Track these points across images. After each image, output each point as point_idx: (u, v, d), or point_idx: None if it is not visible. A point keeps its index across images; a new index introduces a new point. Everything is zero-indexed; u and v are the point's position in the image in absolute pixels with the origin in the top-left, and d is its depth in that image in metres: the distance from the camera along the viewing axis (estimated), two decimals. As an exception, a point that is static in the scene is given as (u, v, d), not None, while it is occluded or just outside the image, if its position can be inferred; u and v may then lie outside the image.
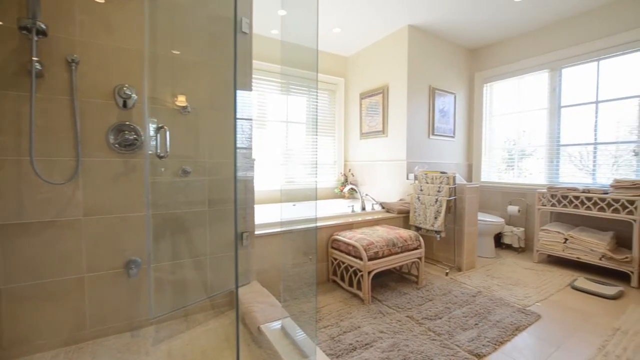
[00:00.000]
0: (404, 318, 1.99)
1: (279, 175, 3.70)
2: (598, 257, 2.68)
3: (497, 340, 1.76)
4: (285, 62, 1.87)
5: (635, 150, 2.89)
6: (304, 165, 3.96)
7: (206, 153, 1.94)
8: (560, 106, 3.37)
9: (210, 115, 1.97)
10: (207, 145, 1.95)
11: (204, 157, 1.93)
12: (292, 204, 3.55)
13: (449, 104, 3.81)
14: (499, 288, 2.47)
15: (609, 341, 1.78)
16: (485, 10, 3.07)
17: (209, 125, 1.98)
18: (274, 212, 2.14)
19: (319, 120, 4.14)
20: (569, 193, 2.89)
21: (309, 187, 1.72)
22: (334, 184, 4.16)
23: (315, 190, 1.77)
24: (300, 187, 1.93)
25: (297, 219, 2.15)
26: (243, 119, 2.03)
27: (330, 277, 2.52)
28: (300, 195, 1.73)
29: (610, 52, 2.97)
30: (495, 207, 3.81)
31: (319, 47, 3.97)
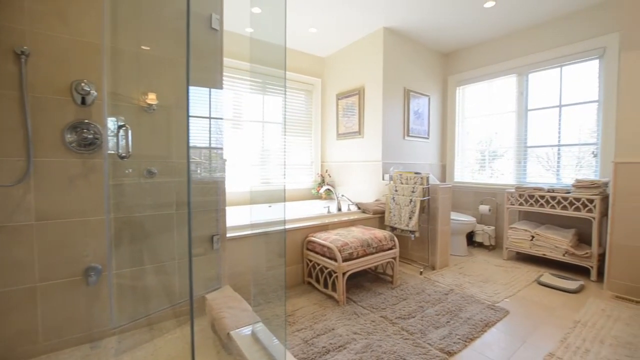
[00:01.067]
0: (378, 318, 1.99)
1: (256, 176, 3.63)
2: (562, 254, 2.81)
3: (467, 337, 1.79)
4: (255, 60, 1.83)
5: (594, 152, 3.06)
6: (280, 166, 3.91)
7: (174, 153, 1.87)
8: (527, 109, 3.52)
9: (178, 114, 1.89)
10: (175, 145, 1.88)
11: (171, 158, 1.86)
12: (267, 205, 3.50)
13: (423, 106, 3.89)
14: (471, 285, 2.54)
15: (570, 333, 1.86)
16: (457, 15, 3.15)
17: (177, 124, 1.90)
18: (251, 213, 2.09)
19: (296, 121, 4.10)
20: (535, 193, 3.02)
21: (278, 189, 1.68)
22: (311, 184, 4.13)
23: (283, 192, 1.74)
24: (270, 189, 1.89)
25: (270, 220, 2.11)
26: (213, 118, 1.96)
27: (305, 279, 2.50)
28: (271, 197, 1.69)
29: (571, 59, 3.13)
30: (468, 206, 3.92)
31: (295, 46, 3.94)
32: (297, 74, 4.01)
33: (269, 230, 2.18)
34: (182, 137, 1.93)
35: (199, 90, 1.97)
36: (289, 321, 1.95)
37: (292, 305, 2.15)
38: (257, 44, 1.76)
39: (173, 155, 1.85)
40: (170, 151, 1.85)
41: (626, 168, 2.34)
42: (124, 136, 1.57)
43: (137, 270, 1.72)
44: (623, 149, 2.36)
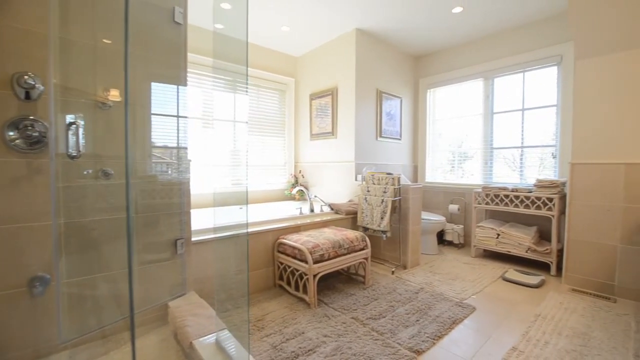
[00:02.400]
0: (349, 320, 1.98)
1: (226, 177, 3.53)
2: (525, 250, 2.94)
3: (435, 335, 1.82)
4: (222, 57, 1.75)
5: (553, 154, 3.23)
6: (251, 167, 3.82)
7: (133, 153, 1.76)
8: (493, 112, 3.66)
9: (137, 111, 1.78)
10: (134, 144, 1.77)
11: (130, 158, 1.75)
12: (238, 207, 3.41)
13: (395, 108, 3.95)
14: (440, 283, 2.59)
15: (531, 327, 1.93)
16: (427, 19, 3.22)
17: (136, 122, 1.80)
18: (215, 215, 2.01)
19: (269, 121, 4.03)
20: (500, 192, 3.14)
21: (241, 190, 1.62)
22: (284, 185, 4.08)
23: (246, 194, 1.68)
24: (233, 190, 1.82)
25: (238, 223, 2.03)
26: (174, 116, 1.87)
27: (276, 282, 2.45)
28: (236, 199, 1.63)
29: (533, 65, 3.29)
30: (438, 206, 4.02)
31: (268, 45, 3.87)
32: (271, 73, 3.94)
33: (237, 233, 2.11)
34: (141, 135, 1.83)
35: (161, 87, 1.87)
36: (257, 326, 1.90)
37: (261, 310, 2.10)
38: (225, 41, 1.69)
39: (132, 155, 1.74)
40: (130, 151, 1.74)
41: (581, 168, 2.48)
42: (74, 134, 1.45)
43: (91, 278, 1.60)
44: (579, 151, 2.51)
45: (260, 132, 3.93)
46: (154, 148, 1.87)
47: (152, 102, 1.80)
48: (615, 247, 2.34)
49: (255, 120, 3.88)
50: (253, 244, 2.34)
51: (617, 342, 1.76)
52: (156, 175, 1.90)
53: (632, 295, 2.28)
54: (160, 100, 1.88)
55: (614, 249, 2.34)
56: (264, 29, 3.41)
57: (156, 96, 1.85)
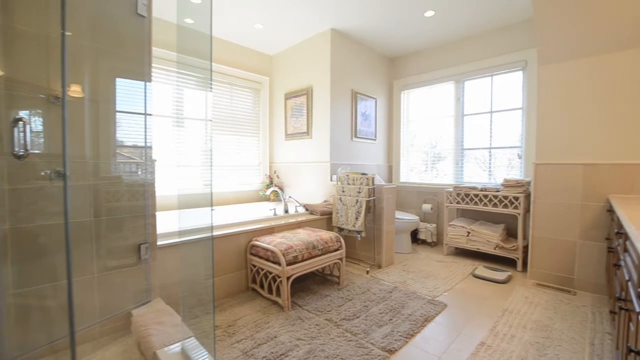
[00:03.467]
0: (323, 321, 1.96)
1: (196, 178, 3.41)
2: (493, 247, 3.05)
3: (408, 334, 1.84)
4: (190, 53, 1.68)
5: (519, 154, 3.38)
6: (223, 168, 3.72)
7: (90, 152, 1.65)
8: (463, 114, 3.77)
9: (101, 108, 1.68)
10: (91, 143, 1.66)
11: (86, 158, 1.63)
12: (210, 209, 3.30)
13: (370, 108, 3.98)
14: (413, 282, 2.63)
15: (499, 322, 2.00)
16: (400, 22, 3.27)
17: (100, 120, 1.69)
18: (179, 218, 1.92)
19: (243, 120, 3.93)
20: (470, 191, 3.24)
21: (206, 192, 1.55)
22: (259, 186, 4.00)
23: (210, 195, 1.62)
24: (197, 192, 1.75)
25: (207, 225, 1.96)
26: (139, 114, 1.77)
27: (249, 285, 2.38)
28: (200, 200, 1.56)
29: (500, 69, 3.42)
30: (412, 205, 4.10)
31: (241, 42, 3.78)
32: (244, 71, 3.86)
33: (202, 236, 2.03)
34: (105, 133, 1.72)
35: (123, 83, 1.76)
36: (228, 332, 1.83)
37: (233, 315, 2.03)
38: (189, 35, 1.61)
39: (89, 154, 1.63)
40: (86, 150, 1.63)
41: (544, 169, 2.61)
42: (22, 131, 1.33)
43: (41, 288, 1.48)
44: (542, 152, 2.63)
45: (233, 132, 3.83)
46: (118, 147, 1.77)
47: (110, 98, 1.70)
48: (574, 243, 2.47)
49: (229, 119, 3.78)
50: (224, 247, 2.27)
51: (576, 333, 1.86)
52: (120, 176, 1.79)
53: (590, 288, 2.42)
54: (123, 96, 1.78)
55: (574, 245, 2.47)
56: (237, 25, 3.33)
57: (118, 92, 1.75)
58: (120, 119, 1.77)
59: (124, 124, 1.80)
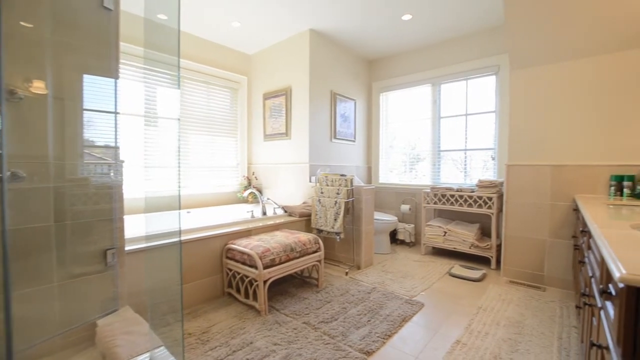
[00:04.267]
0: (301, 325, 1.92)
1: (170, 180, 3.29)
2: (468, 246, 3.12)
3: (386, 335, 1.84)
4: (150, 46, 1.60)
5: (492, 156, 3.48)
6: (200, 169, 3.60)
7: (54, 153, 1.54)
8: (440, 117, 3.86)
9: (66, 106, 1.57)
10: (55, 143, 1.55)
11: (50, 158, 1.53)
12: (186, 211, 3.20)
13: (349, 110, 4.00)
14: (392, 282, 2.65)
15: (473, 319, 2.04)
16: (378, 25, 3.30)
17: (66, 118, 1.58)
18: (146, 222, 1.83)
19: (221, 120, 3.84)
20: (446, 192, 3.31)
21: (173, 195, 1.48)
22: (237, 187, 3.92)
23: (178, 198, 1.56)
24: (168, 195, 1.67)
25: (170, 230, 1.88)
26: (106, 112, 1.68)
27: (225, 290, 2.31)
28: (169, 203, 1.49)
29: (475, 73, 3.52)
30: (391, 206, 4.14)
31: (218, 40, 3.69)
32: (222, 70, 3.77)
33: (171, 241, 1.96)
34: (70, 133, 1.62)
35: (89, 79, 1.67)
36: (202, 339, 1.76)
37: (207, 321, 1.96)
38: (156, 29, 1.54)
39: (50, 154, 1.53)
40: (48, 150, 1.52)
41: (516, 170, 2.70)
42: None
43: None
44: (513, 153, 2.72)
45: (210, 132, 3.72)
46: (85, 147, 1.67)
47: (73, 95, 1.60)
48: (544, 241, 2.57)
49: (205, 119, 3.67)
50: (199, 251, 2.19)
51: (545, 328, 1.92)
52: (87, 178, 1.69)
53: (558, 284, 2.52)
54: (90, 93, 1.68)
55: (543, 243, 2.57)
56: (213, 23, 3.25)
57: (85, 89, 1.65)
58: (88, 118, 1.68)
59: (91, 123, 1.70)
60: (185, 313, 2.06)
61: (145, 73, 2.90)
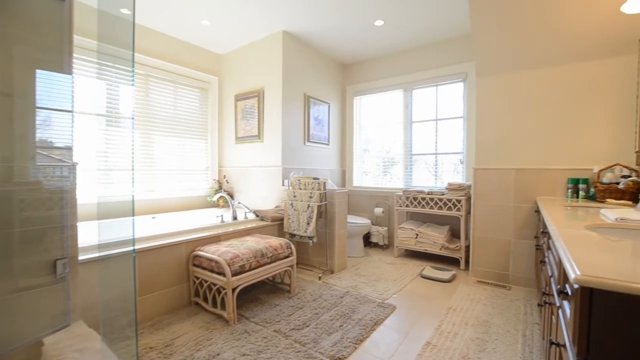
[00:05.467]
0: (271, 333, 1.86)
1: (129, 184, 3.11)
2: (439, 248, 3.19)
3: (357, 339, 1.82)
4: (104, 40, 1.50)
5: (461, 160, 3.60)
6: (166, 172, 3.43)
7: (9, 153, 1.40)
8: (411, 121, 3.94)
9: (15, 103, 1.43)
10: (9, 142, 1.41)
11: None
12: (151, 217, 3.04)
13: (323, 113, 3.99)
14: (365, 285, 2.64)
15: (443, 320, 2.07)
16: (352, 29, 3.32)
17: (14, 117, 1.44)
18: (99, 229, 1.68)
19: (190, 121, 3.69)
20: (418, 195, 3.37)
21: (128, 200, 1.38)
22: (207, 191, 3.78)
23: (131, 203, 1.46)
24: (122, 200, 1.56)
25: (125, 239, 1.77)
26: (56, 110, 1.55)
27: (192, 299, 2.20)
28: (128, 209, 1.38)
29: (444, 79, 3.63)
30: (365, 209, 4.17)
31: (187, 39, 3.55)
32: (191, 69, 3.63)
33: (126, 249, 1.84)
34: (20, 132, 1.47)
35: (41, 75, 1.53)
36: (164, 353, 1.66)
37: (171, 333, 1.85)
38: (110, 21, 1.43)
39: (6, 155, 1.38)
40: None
41: (482, 173, 2.79)
42: None
43: None
44: (480, 157, 2.82)
45: (178, 134, 3.57)
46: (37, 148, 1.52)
47: (18, 91, 1.46)
48: (509, 241, 2.67)
49: (172, 120, 3.51)
50: (163, 259, 2.07)
51: (511, 326, 1.98)
52: (37, 182, 1.54)
53: (522, 282, 2.62)
54: (42, 90, 1.54)
55: (508, 243, 2.67)
56: (181, 20, 3.12)
57: (38, 86, 1.51)
58: (41, 117, 1.54)
59: (43, 123, 1.56)
60: (148, 325, 1.94)
61: (98, 69, 2.67)
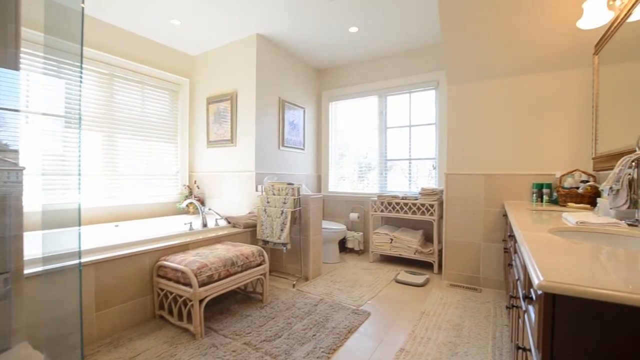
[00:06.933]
0: (241, 346, 1.78)
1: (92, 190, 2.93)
2: (413, 252, 3.22)
3: (331, 349, 1.77)
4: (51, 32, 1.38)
5: (433, 165, 3.67)
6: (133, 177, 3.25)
7: None
8: (386, 127, 3.99)
9: None
10: None
11: None
12: (114, 225, 2.87)
13: (298, 118, 3.96)
14: (340, 292, 2.60)
15: (417, 325, 2.07)
16: (326, 35, 3.33)
17: None
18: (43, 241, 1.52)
19: (158, 124, 3.53)
20: (392, 200, 3.40)
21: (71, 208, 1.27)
22: (176, 197, 3.62)
23: (77, 211, 1.35)
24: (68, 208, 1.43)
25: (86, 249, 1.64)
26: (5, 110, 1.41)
27: (156, 312, 2.07)
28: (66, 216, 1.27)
29: (417, 87, 3.71)
30: (340, 215, 4.15)
31: (156, 38, 3.41)
32: (161, 70, 3.49)
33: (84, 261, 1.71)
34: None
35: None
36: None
37: (131, 351, 1.72)
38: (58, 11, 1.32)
39: None
40: None
41: (454, 178, 2.86)
42: None
43: None
44: (452, 163, 2.88)
45: (145, 137, 3.40)
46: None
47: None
48: (479, 245, 2.74)
49: (139, 122, 3.34)
50: (125, 270, 1.94)
51: (481, 328, 2.01)
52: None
53: (492, 285, 2.69)
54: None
55: (479, 247, 2.74)
56: (150, 18, 2.99)
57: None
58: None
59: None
60: (106, 343, 1.80)
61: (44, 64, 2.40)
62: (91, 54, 2.89)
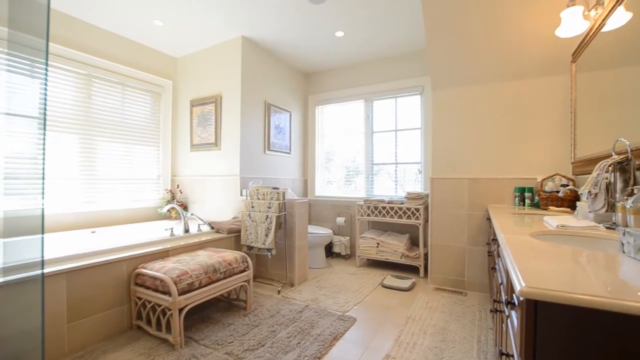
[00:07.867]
0: (222, 356, 1.71)
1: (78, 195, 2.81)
2: (399, 256, 3.22)
3: (315, 357, 1.73)
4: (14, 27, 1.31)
5: (419, 169, 3.70)
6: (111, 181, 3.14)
7: None
8: (372, 131, 4.00)
9: None
10: None
11: None
12: (91, 231, 2.75)
13: (284, 121, 3.93)
14: (325, 298, 2.57)
15: (403, 330, 2.05)
16: (313, 39, 3.32)
17: None
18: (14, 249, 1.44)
19: (140, 127, 3.42)
20: (378, 204, 3.39)
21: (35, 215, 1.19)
22: (158, 202, 3.51)
23: (40, 218, 1.28)
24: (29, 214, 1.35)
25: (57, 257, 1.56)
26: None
27: (133, 322, 1.98)
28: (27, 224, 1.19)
29: (402, 92, 3.74)
30: (327, 219, 4.13)
31: (138, 39, 3.32)
32: (143, 72, 3.40)
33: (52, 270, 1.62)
34: None
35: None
36: (93, 389, 1.45)
37: None
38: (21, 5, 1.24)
39: None
40: None
41: (439, 182, 2.88)
42: None
43: None
44: (437, 167, 2.91)
45: (125, 140, 3.28)
46: None
47: None
48: (464, 248, 2.76)
49: (119, 125, 3.22)
50: (100, 278, 1.85)
51: (467, 332, 2.01)
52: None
53: (477, 288, 2.71)
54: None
55: (463, 250, 2.76)
56: (131, 18, 2.91)
57: None
58: None
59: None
60: (78, 356, 1.70)
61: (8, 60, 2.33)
62: (68, 53, 2.78)
